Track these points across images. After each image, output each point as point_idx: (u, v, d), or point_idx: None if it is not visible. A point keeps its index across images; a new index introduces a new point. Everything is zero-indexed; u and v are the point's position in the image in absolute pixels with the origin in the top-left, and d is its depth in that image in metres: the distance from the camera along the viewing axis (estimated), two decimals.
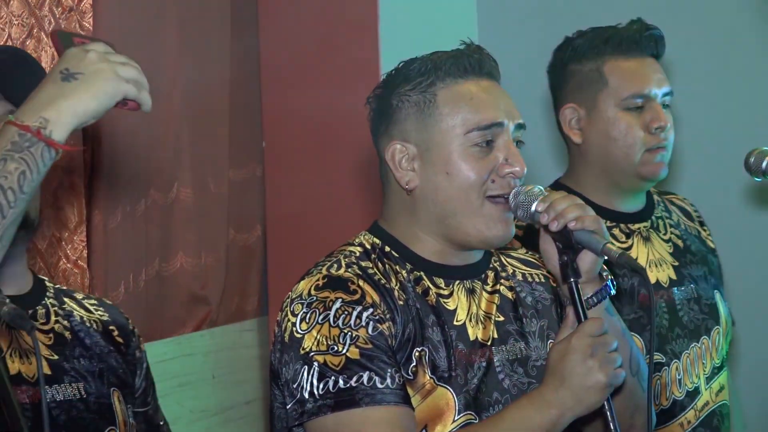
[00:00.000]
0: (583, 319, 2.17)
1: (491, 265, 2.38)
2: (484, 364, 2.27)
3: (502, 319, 2.32)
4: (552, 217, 2.19)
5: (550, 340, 2.34)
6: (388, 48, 3.92)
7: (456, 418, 2.22)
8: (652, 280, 2.91)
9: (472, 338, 2.27)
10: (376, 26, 3.95)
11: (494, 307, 2.32)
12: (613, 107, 2.90)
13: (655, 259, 2.94)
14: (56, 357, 2.26)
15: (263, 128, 4.16)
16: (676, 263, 2.97)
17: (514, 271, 2.41)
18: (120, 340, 2.38)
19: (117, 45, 3.64)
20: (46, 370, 2.20)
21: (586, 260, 2.21)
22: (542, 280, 2.43)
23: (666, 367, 2.90)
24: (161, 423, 2.48)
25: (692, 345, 2.93)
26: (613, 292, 2.27)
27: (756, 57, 3.90)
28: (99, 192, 3.50)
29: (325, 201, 4.06)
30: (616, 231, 2.94)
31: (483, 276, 2.35)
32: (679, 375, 2.91)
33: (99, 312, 2.41)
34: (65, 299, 2.38)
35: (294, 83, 4.09)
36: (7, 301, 2.04)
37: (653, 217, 3.00)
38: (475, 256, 2.35)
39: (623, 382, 2.20)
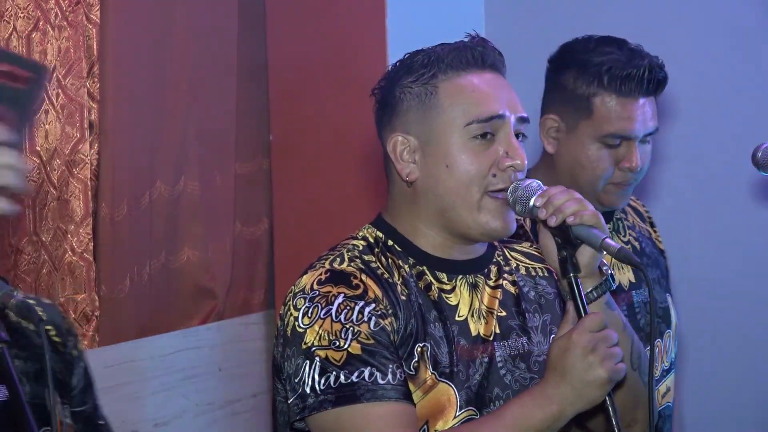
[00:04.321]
0: (583, 314, 2.16)
1: (494, 260, 2.37)
2: (486, 359, 2.26)
3: (504, 314, 2.31)
4: (550, 212, 2.18)
5: (553, 335, 2.33)
6: (396, 42, 3.91)
7: (457, 414, 2.21)
8: (615, 283, 2.90)
9: (474, 333, 2.26)
10: (383, 20, 3.95)
11: (496, 302, 2.31)
12: (590, 137, 2.84)
13: (616, 262, 2.84)
14: None
15: (270, 121, 4.16)
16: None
17: (518, 265, 2.40)
18: (57, 339, 2.30)
19: (124, 39, 3.65)
20: None
21: (585, 255, 2.20)
22: (546, 274, 2.42)
23: None
24: (101, 423, 2.43)
25: (647, 348, 2.92)
26: (614, 286, 2.26)
27: (763, 50, 3.89)
28: (106, 185, 3.50)
29: (332, 194, 4.06)
30: None
31: (486, 270, 2.34)
32: None
33: (38, 310, 2.28)
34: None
35: (301, 76, 4.09)
36: (15, 293, 2.03)
37: (614, 219, 2.98)
38: (478, 250, 2.34)
39: (624, 377, 2.19)
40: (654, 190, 3.92)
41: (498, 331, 2.29)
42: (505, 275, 2.36)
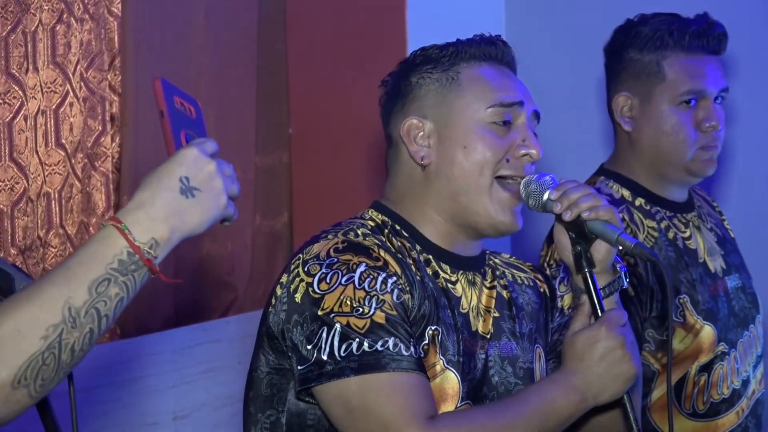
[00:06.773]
0: (599, 309, 2.16)
1: (487, 263, 2.36)
2: (482, 356, 2.24)
3: (498, 315, 2.30)
4: (565, 207, 2.17)
5: (537, 345, 2.33)
6: (415, 35, 3.92)
7: (458, 406, 2.17)
8: (711, 270, 2.92)
9: (473, 329, 2.25)
10: (403, 16, 3.95)
11: (493, 302, 2.30)
12: (667, 102, 2.89)
13: (708, 249, 2.95)
14: None
15: (290, 115, 4.17)
16: (723, 252, 2.98)
17: (504, 272, 2.39)
18: None
19: (144, 32, 3.66)
20: None
21: (600, 251, 2.19)
22: (530, 284, 2.41)
23: (728, 356, 2.90)
24: None
25: (744, 334, 2.94)
26: (625, 284, 2.23)
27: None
28: (127, 178, 3.52)
29: (351, 187, 4.07)
30: (675, 221, 2.94)
31: (482, 271, 2.33)
32: (737, 364, 2.92)
33: None
34: None
35: (321, 70, 4.10)
36: None
37: (697, 207, 3.01)
38: (475, 249, 2.33)
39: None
40: None
41: (493, 330, 2.28)
42: (498, 279, 2.35)
